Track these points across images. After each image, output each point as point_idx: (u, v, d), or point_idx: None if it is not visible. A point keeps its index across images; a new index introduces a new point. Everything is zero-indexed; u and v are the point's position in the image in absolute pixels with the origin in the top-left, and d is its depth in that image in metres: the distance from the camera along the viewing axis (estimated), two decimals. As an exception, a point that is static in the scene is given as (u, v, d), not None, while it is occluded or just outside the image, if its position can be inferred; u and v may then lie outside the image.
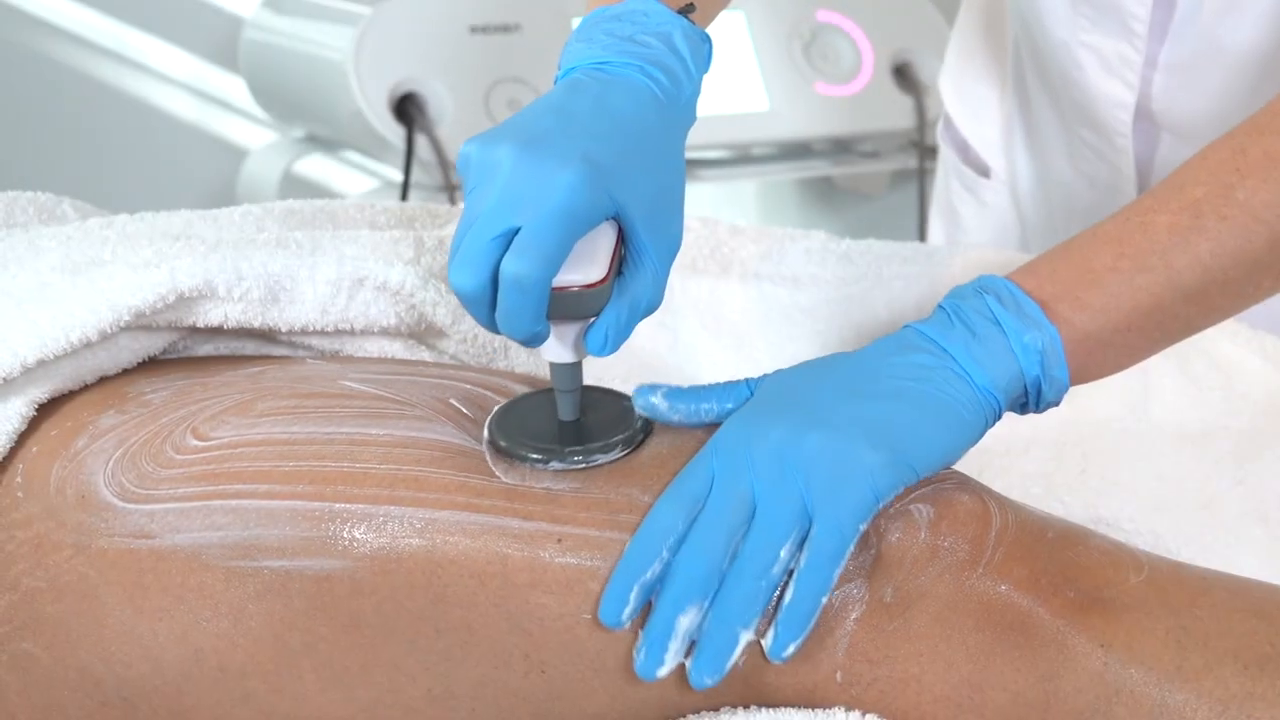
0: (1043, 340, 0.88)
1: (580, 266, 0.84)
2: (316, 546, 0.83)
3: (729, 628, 0.79)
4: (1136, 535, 1.06)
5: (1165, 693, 0.82)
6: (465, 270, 0.83)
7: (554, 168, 0.83)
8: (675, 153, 0.92)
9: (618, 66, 0.92)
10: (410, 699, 0.84)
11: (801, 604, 0.80)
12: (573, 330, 0.87)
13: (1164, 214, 0.91)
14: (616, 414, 0.89)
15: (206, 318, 0.97)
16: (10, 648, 0.87)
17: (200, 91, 2.44)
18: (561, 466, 0.85)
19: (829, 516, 0.80)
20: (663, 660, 0.80)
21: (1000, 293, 0.90)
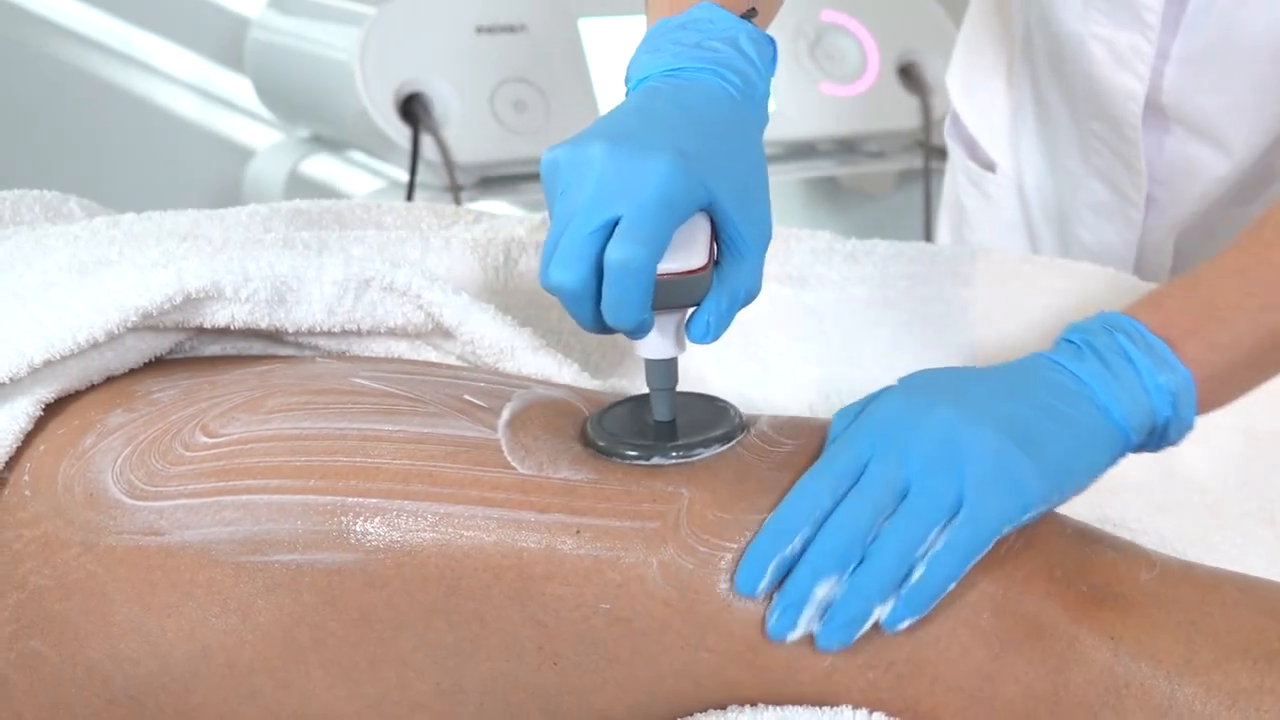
0: (1176, 383, 0.89)
1: (680, 254, 0.85)
2: (329, 540, 0.84)
3: (866, 600, 0.80)
4: (1143, 535, 1.06)
5: (1175, 686, 0.82)
6: (567, 265, 0.83)
7: (646, 158, 0.83)
8: (756, 148, 0.92)
9: (691, 72, 0.93)
10: (418, 694, 0.84)
11: (928, 585, 0.80)
12: (672, 322, 0.87)
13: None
14: (712, 413, 0.90)
15: (214, 318, 0.97)
16: (18, 646, 0.87)
17: (206, 92, 2.45)
18: (661, 461, 0.86)
19: (979, 509, 0.81)
20: (796, 624, 0.80)
21: (1129, 330, 0.90)
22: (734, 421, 0.89)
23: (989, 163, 1.53)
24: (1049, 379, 0.88)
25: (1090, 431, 0.86)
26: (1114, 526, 1.07)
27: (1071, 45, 1.33)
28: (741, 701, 0.84)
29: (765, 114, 0.96)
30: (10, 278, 0.98)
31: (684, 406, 0.90)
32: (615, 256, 0.82)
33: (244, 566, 0.84)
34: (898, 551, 0.80)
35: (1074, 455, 0.85)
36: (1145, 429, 0.89)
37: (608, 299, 0.83)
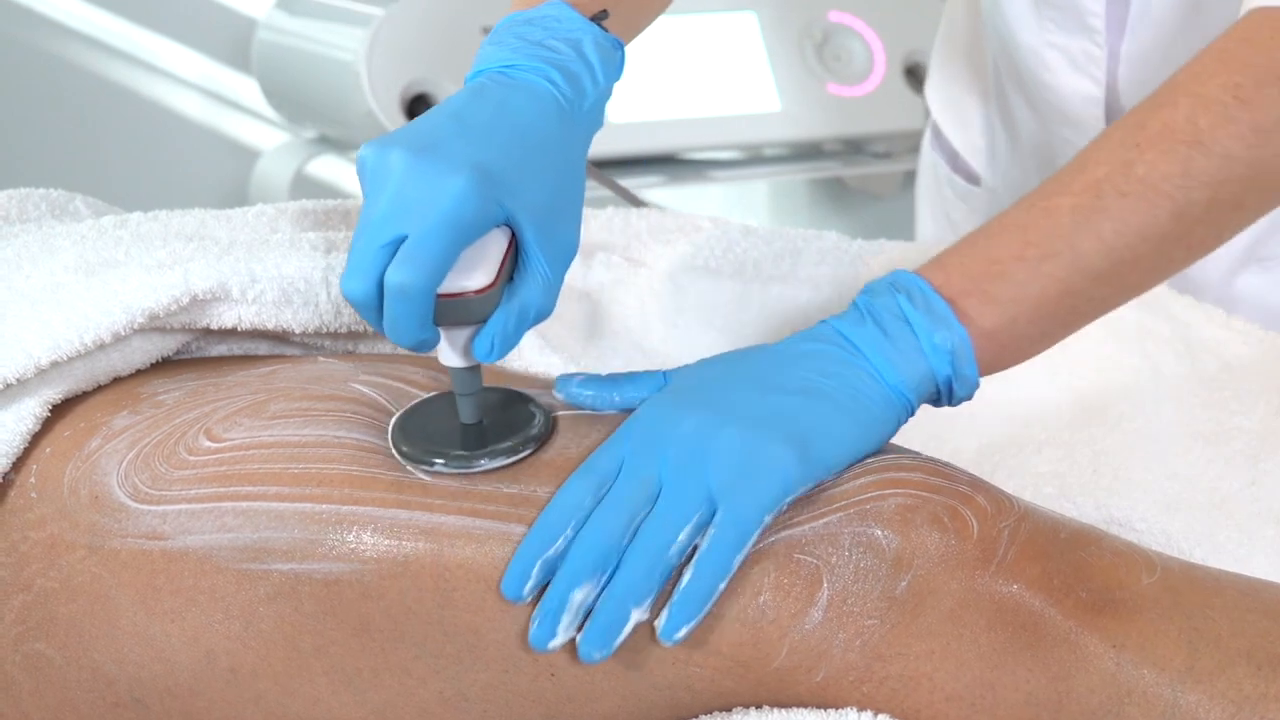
0: (952, 340, 0.89)
1: (467, 273, 0.85)
2: (324, 550, 0.84)
3: (621, 605, 0.80)
4: (1148, 536, 1.06)
5: (1178, 693, 0.82)
6: (354, 278, 0.84)
7: (443, 175, 0.84)
8: (575, 159, 0.92)
9: (522, 70, 0.92)
10: (422, 701, 0.84)
11: (698, 586, 0.80)
12: (464, 335, 0.87)
13: (1066, 196, 0.91)
14: (519, 417, 0.89)
15: (220, 320, 0.97)
16: (24, 648, 0.87)
17: (212, 92, 2.44)
18: (446, 470, 0.86)
19: (733, 505, 0.81)
20: (555, 633, 0.80)
21: (911, 290, 0.90)
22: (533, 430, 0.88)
23: (973, 175, 1.54)
24: (822, 352, 0.89)
25: (858, 401, 0.87)
26: (1119, 526, 1.06)
27: (1030, 57, 1.34)
28: (742, 704, 0.84)
29: (597, 120, 0.96)
30: (18, 278, 0.98)
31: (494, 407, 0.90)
32: (393, 280, 0.82)
33: (245, 574, 0.84)
34: (649, 554, 0.80)
35: (835, 429, 0.85)
36: (925, 388, 0.89)
37: (387, 318, 0.84)
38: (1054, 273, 0.90)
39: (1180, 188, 0.90)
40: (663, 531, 0.81)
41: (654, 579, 0.80)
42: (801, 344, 0.90)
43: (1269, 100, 0.91)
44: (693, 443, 0.83)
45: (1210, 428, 1.15)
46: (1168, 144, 0.91)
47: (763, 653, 0.82)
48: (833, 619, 0.82)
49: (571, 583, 0.80)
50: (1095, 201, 0.90)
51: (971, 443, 1.15)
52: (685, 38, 2.16)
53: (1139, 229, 0.90)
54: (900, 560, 0.83)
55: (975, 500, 0.86)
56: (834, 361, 0.88)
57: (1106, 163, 0.92)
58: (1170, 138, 0.91)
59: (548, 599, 0.80)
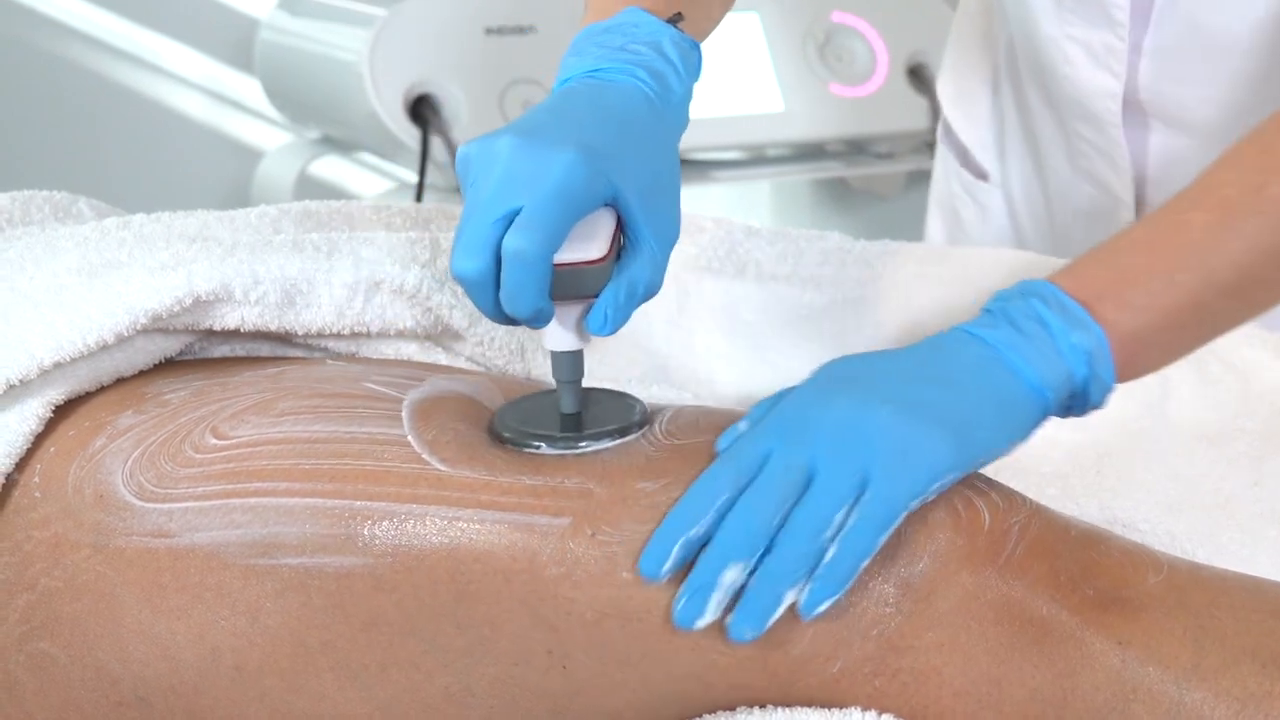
0: (1090, 341, 0.88)
1: (580, 245, 0.86)
2: (337, 544, 0.84)
3: (775, 585, 0.80)
4: (1152, 536, 1.06)
5: (1183, 691, 0.82)
6: (468, 254, 0.85)
7: (551, 151, 0.86)
8: (670, 148, 0.94)
9: (609, 72, 0.94)
10: (428, 697, 0.84)
11: (842, 563, 0.80)
12: (574, 314, 0.88)
13: (1197, 213, 0.92)
14: (618, 408, 0.90)
15: (223, 321, 0.97)
16: (28, 647, 0.87)
17: (215, 93, 2.45)
18: (553, 452, 0.86)
19: (884, 485, 0.81)
20: (703, 611, 0.80)
21: (1044, 294, 0.90)
22: (633, 417, 0.89)
23: (981, 171, 1.54)
24: (959, 350, 0.89)
25: (1000, 396, 0.87)
26: (1123, 527, 1.06)
27: (1050, 48, 1.34)
28: (751, 700, 0.84)
29: (684, 117, 0.98)
30: (21, 279, 0.98)
31: (595, 402, 0.91)
32: (511, 245, 0.83)
33: (253, 569, 0.84)
34: (806, 535, 0.80)
35: (983, 420, 0.85)
36: (1063, 389, 0.89)
37: (505, 287, 0.84)
38: (1185, 284, 0.91)
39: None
40: (820, 513, 0.81)
41: (809, 560, 0.80)
42: (939, 344, 0.90)
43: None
44: (845, 427, 0.83)
45: (1213, 429, 1.15)
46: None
47: (785, 638, 0.82)
48: (855, 603, 0.82)
49: (723, 561, 0.80)
50: (1226, 219, 0.91)
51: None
52: (688, 38, 2.15)
53: (1268, 249, 0.91)
54: (914, 547, 0.83)
55: (989, 495, 0.87)
56: (973, 358, 0.88)
57: (1237, 183, 0.93)
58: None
59: (696, 576, 0.80)
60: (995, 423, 0.86)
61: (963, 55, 1.56)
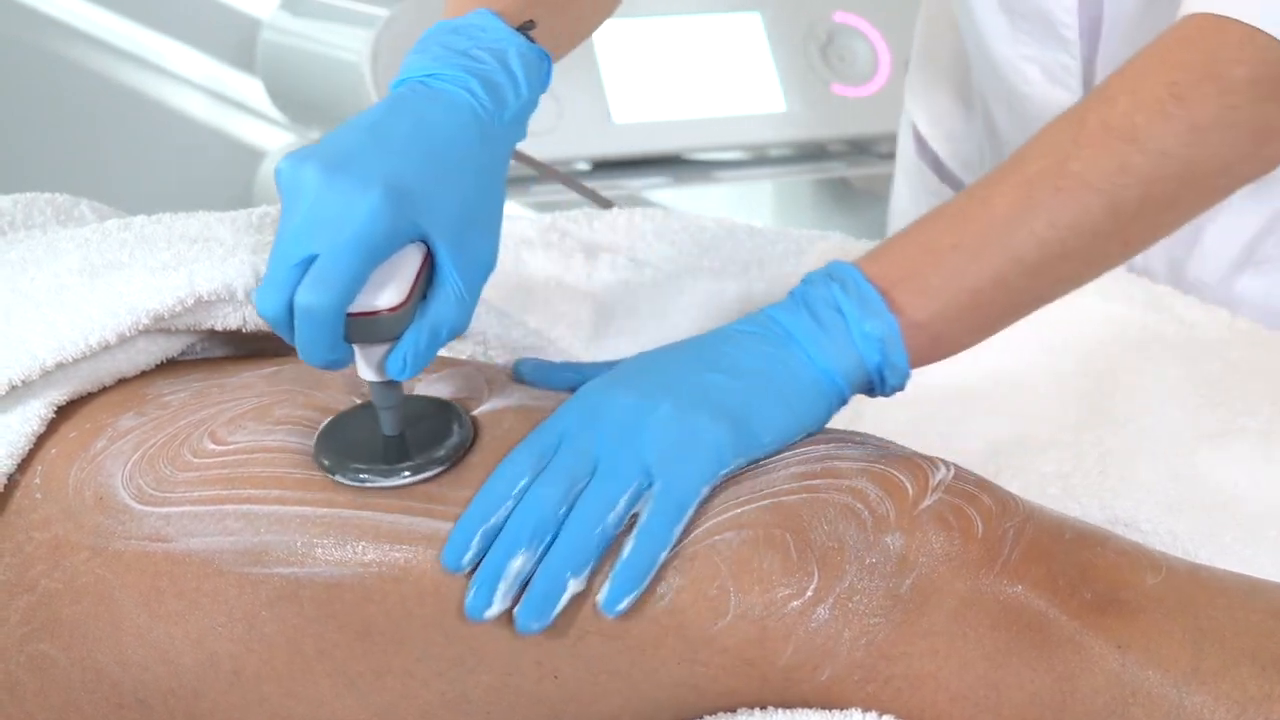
0: (881, 329, 0.90)
1: (379, 291, 0.84)
2: (324, 554, 0.84)
3: (558, 573, 0.80)
4: (1153, 536, 1.06)
5: (1182, 694, 0.82)
6: (266, 297, 0.84)
7: (355, 192, 0.83)
8: (493, 173, 0.92)
9: (443, 80, 0.92)
10: (425, 703, 0.84)
11: (638, 558, 0.81)
12: (378, 352, 0.86)
13: (1002, 189, 0.93)
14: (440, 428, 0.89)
15: (225, 321, 0.97)
16: (28, 649, 0.87)
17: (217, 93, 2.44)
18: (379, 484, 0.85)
19: (670, 477, 0.82)
20: (491, 601, 0.80)
21: (845, 280, 0.92)
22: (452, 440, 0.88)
23: (960, 185, 1.54)
24: (755, 336, 0.91)
25: (787, 384, 0.88)
26: (1124, 527, 1.06)
27: (1007, 68, 1.35)
28: (747, 704, 0.84)
29: (518, 131, 0.95)
30: (22, 280, 0.98)
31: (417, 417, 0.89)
32: (301, 300, 0.82)
33: (247, 578, 0.84)
34: (585, 523, 0.81)
35: (764, 408, 0.87)
36: (856, 375, 0.91)
37: (298, 339, 0.83)
38: (987, 264, 0.92)
39: (1116, 184, 0.92)
40: (599, 501, 0.82)
41: (590, 547, 0.81)
42: (737, 329, 0.92)
43: (1205, 99, 0.93)
44: (628, 417, 0.85)
45: (1215, 428, 1.15)
46: (1104, 140, 0.92)
47: (769, 650, 0.82)
48: (839, 616, 0.82)
49: (509, 551, 0.81)
50: (1030, 195, 0.92)
51: (976, 444, 1.15)
52: (690, 38, 2.16)
53: (1072, 224, 0.92)
54: (905, 559, 0.83)
55: (981, 500, 0.86)
56: (767, 344, 0.90)
57: (1044, 157, 0.93)
58: (1107, 134, 0.92)
59: (484, 567, 0.81)
60: (781, 409, 0.87)
61: (933, 73, 1.56)
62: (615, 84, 2.10)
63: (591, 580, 0.81)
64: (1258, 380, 1.18)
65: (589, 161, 2.16)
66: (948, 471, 0.88)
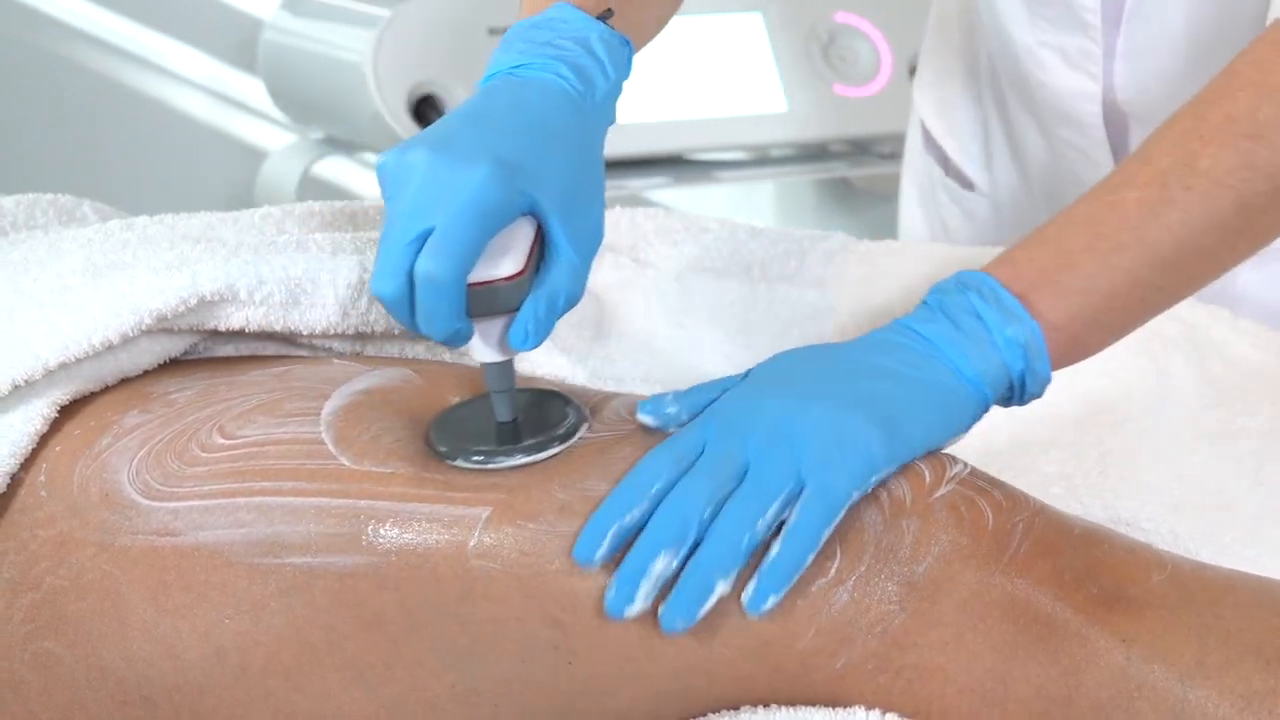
0: (1024, 334, 0.90)
1: (496, 261, 0.86)
2: (341, 543, 0.84)
3: (707, 575, 0.80)
4: (1155, 535, 1.06)
5: (1187, 688, 0.82)
6: (383, 277, 0.85)
7: (464, 167, 0.85)
8: (591, 149, 0.94)
9: (532, 69, 0.94)
10: (433, 695, 0.84)
11: (786, 559, 0.80)
12: (497, 327, 0.87)
13: (1132, 189, 0.93)
14: (552, 413, 0.90)
15: (228, 321, 0.97)
16: (33, 646, 0.87)
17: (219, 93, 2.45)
18: (494, 466, 0.86)
19: (822, 479, 0.82)
20: (633, 599, 0.80)
21: (980, 287, 0.91)
22: (566, 423, 0.89)
23: (967, 181, 1.54)
24: (897, 345, 0.90)
25: (938, 390, 0.88)
26: (1126, 526, 1.06)
27: (1025, 57, 1.35)
28: (755, 698, 0.84)
29: (609, 114, 0.98)
30: (25, 280, 0.98)
31: (531, 405, 0.91)
32: (422, 269, 0.83)
33: (257, 568, 0.84)
34: (738, 525, 0.81)
35: (916, 414, 0.86)
36: (1000, 383, 0.90)
37: (419, 311, 0.85)
38: (1123, 264, 0.92)
39: (1243, 180, 0.92)
40: (752, 504, 0.81)
41: (741, 551, 0.80)
42: (878, 337, 0.91)
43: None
44: (780, 422, 0.84)
45: (1217, 428, 1.15)
46: (1229, 136, 0.92)
47: (790, 631, 0.82)
48: (858, 600, 0.82)
49: (653, 550, 0.80)
50: (1161, 194, 0.92)
51: (978, 443, 1.15)
52: (691, 38, 2.16)
53: (1204, 221, 0.92)
54: (919, 544, 0.84)
55: (992, 494, 0.87)
56: (911, 354, 0.89)
57: (1170, 154, 0.93)
58: (1232, 130, 0.92)
59: (627, 564, 0.80)
60: (930, 416, 0.87)
61: (941, 67, 1.56)
62: (616, 84, 2.10)
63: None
64: (1259, 380, 1.19)
65: (590, 161, 2.16)
66: (964, 468, 0.88)
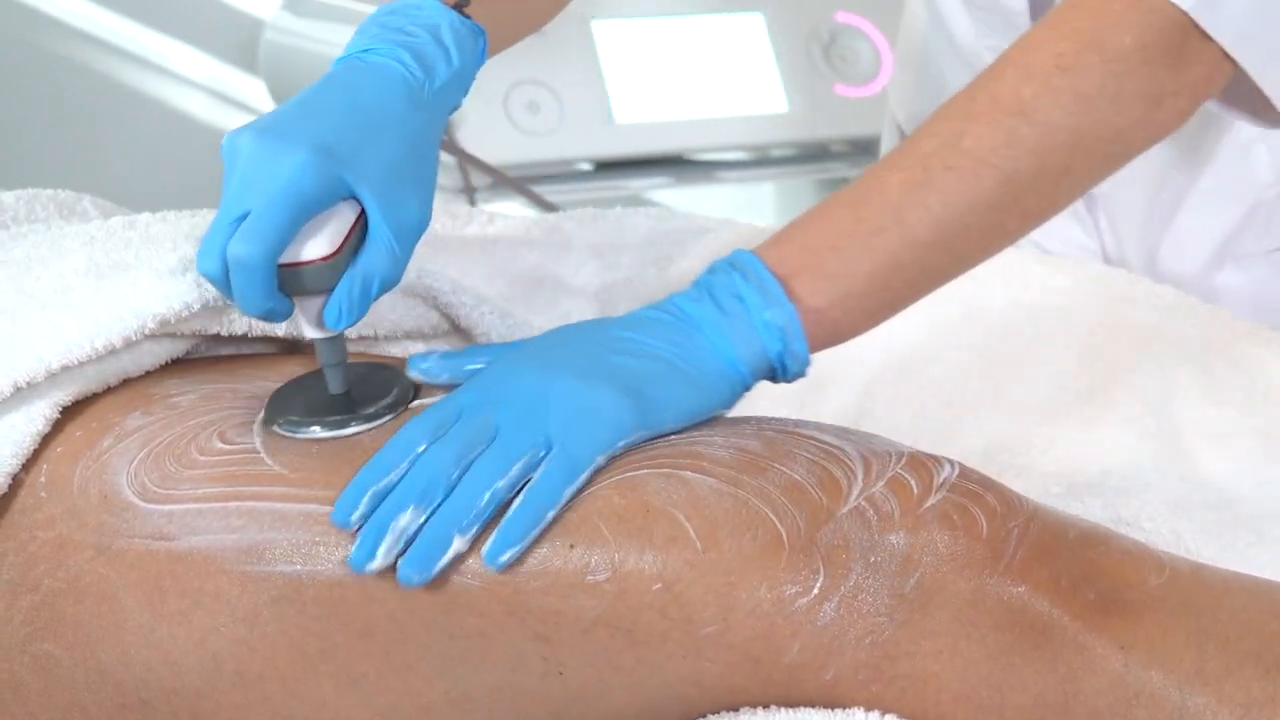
0: (782, 318, 0.91)
1: (307, 243, 0.88)
2: (327, 553, 0.84)
3: (444, 530, 0.81)
4: (1157, 536, 1.06)
5: (1185, 695, 0.82)
6: (205, 256, 0.88)
7: (281, 152, 0.88)
8: (424, 136, 0.95)
9: (376, 54, 0.96)
10: (428, 702, 0.84)
11: (525, 513, 0.82)
12: (315, 306, 0.90)
13: (897, 171, 0.94)
14: (383, 383, 0.92)
15: (231, 327, 0.97)
16: (32, 649, 0.87)
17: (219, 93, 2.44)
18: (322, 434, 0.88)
19: (567, 441, 0.83)
20: (374, 555, 0.81)
21: (746, 269, 0.93)
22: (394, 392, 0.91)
23: None
24: (661, 322, 0.92)
25: (693, 369, 0.89)
26: (1127, 526, 1.06)
27: (974, 60, 1.35)
28: (751, 702, 0.84)
29: (450, 101, 0.99)
30: (27, 280, 0.98)
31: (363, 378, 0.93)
32: (232, 251, 0.86)
33: (249, 576, 0.84)
34: (478, 483, 0.82)
35: (671, 389, 0.88)
36: (760, 363, 0.92)
37: (234, 290, 0.87)
38: (883, 246, 0.93)
39: (1006, 157, 0.93)
40: (494, 464, 0.83)
41: (479, 507, 0.82)
42: (643, 315, 0.93)
43: (1089, 67, 0.94)
44: (531, 391, 0.86)
45: (1219, 428, 1.15)
46: (994, 115, 0.93)
47: (775, 647, 0.82)
48: (844, 615, 0.82)
49: (396, 509, 0.82)
50: (923, 175, 0.93)
51: (979, 442, 1.15)
52: (692, 39, 2.16)
53: (966, 200, 0.93)
54: (909, 558, 0.83)
55: (985, 499, 0.86)
56: (673, 331, 0.91)
57: (937, 135, 0.94)
58: (996, 109, 0.93)
59: (371, 522, 0.82)
60: (684, 390, 0.89)
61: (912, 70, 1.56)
62: (617, 84, 2.10)
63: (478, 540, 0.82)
64: (1261, 380, 1.18)
65: (591, 162, 2.17)
66: (952, 470, 0.88)
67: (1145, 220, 1.38)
